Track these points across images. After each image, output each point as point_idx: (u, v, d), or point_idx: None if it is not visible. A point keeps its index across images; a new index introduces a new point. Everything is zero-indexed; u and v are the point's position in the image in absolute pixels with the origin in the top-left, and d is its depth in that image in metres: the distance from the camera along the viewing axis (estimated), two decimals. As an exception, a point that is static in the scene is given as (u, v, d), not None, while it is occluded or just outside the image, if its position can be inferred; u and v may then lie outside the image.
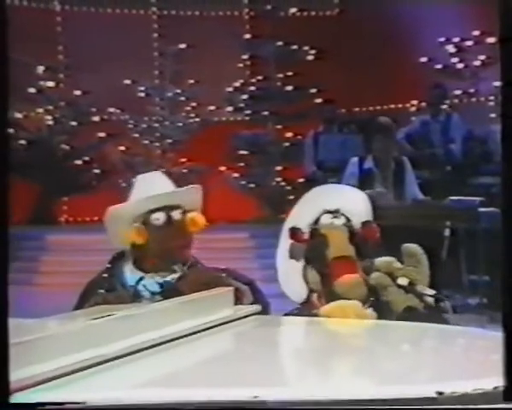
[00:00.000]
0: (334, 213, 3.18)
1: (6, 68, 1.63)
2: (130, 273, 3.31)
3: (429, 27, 12.04)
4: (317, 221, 3.18)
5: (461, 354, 2.37)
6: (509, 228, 1.55)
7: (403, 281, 2.96)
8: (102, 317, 2.40)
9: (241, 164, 13.00)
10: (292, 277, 3.22)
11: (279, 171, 12.93)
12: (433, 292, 2.99)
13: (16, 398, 1.80)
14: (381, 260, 3.06)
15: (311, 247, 3.16)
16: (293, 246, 3.18)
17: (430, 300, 2.98)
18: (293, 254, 3.18)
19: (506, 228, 1.57)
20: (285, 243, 3.23)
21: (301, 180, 12.05)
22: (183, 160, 12.58)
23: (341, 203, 3.22)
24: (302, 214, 3.25)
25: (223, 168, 12.79)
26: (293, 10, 13.26)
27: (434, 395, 1.74)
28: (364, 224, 3.17)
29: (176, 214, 3.34)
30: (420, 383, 1.85)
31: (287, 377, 2.09)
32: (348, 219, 3.17)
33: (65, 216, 13.32)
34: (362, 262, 3.14)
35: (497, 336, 2.57)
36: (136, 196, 3.45)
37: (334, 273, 3.06)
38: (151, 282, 3.24)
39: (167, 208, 3.34)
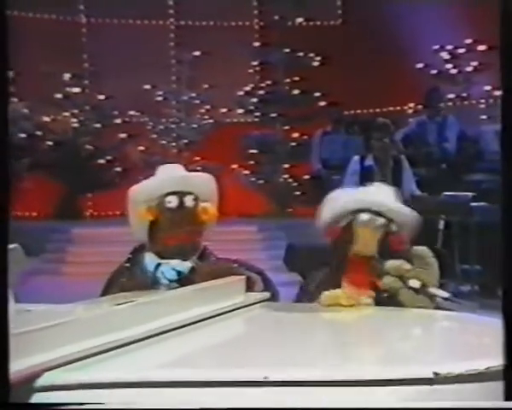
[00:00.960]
0: (376, 213, 3.08)
1: (6, 68, 1.58)
2: (149, 260, 3.28)
3: (425, 36, 12.01)
4: (355, 215, 3.08)
5: (456, 338, 2.36)
6: (508, 221, 1.54)
7: (414, 283, 2.89)
8: (125, 303, 2.41)
9: (251, 162, 12.99)
10: None
11: (286, 168, 12.91)
12: (446, 295, 2.91)
13: (47, 378, 1.81)
14: (391, 264, 2.98)
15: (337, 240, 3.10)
16: None
17: (440, 300, 2.90)
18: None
19: (505, 220, 1.56)
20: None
21: (307, 177, 12.05)
22: (198, 158, 12.55)
23: (385, 207, 3.12)
24: (341, 206, 3.15)
25: (234, 166, 12.78)
26: (299, 20, 13.23)
27: (432, 376, 1.74)
28: (395, 233, 3.08)
29: (188, 200, 3.28)
30: (418, 365, 1.83)
31: (294, 358, 2.08)
32: (389, 221, 3.10)
33: (90, 211, 13.32)
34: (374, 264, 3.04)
35: (488, 320, 2.57)
36: (153, 179, 3.41)
37: (349, 269, 3.01)
38: (168, 269, 3.20)
39: (180, 193, 3.29)
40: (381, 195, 3.22)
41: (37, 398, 1.79)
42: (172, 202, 3.28)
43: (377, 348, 2.31)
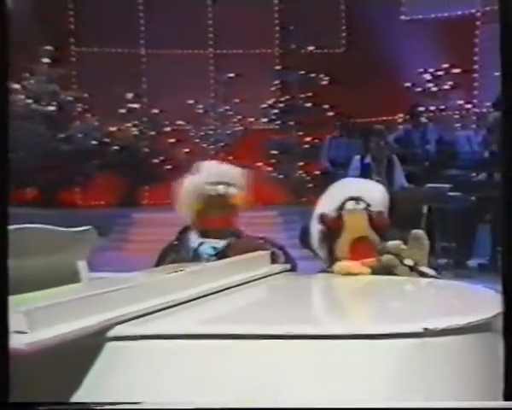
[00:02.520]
0: (357, 199, 2.95)
1: (6, 69, 1.52)
2: (193, 239, 3.27)
3: (411, 61, 11.99)
4: (342, 207, 2.94)
5: (442, 299, 2.34)
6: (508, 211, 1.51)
7: (408, 262, 2.81)
8: (174, 272, 2.41)
9: (273, 161, 12.98)
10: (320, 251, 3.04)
11: (301, 166, 12.88)
12: (433, 272, 2.84)
13: (116, 330, 1.81)
14: (391, 244, 2.87)
15: (334, 229, 2.95)
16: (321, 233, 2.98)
17: (429, 277, 2.82)
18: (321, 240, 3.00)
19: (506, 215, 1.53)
20: (315, 225, 3.03)
21: (317, 173, 12.01)
22: (230, 158, 12.57)
23: (363, 192, 2.99)
24: (329, 202, 3.02)
25: (259, 164, 12.78)
26: (311, 48, 13.18)
27: (422, 331, 1.72)
28: (378, 213, 2.94)
29: (224, 189, 3.27)
30: (410, 321, 1.80)
31: (312, 316, 2.07)
32: (368, 205, 2.94)
33: (146, 200, 13.38)
34: (379, 244, 2.91)
35: (465, 285, 2.55)
36: (199, 173, 3.40)
37: (353, 252, 2.87)
38: (208, 246, 3.20)
39: (218, 183, 3.27)
40: (356, 184, 3.17)
41: (108, 347, 1.79)
42: (212, 189, 3.26)
43: (376, 307, 2.29)
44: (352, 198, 2.95)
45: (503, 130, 1.59)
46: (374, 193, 3.04)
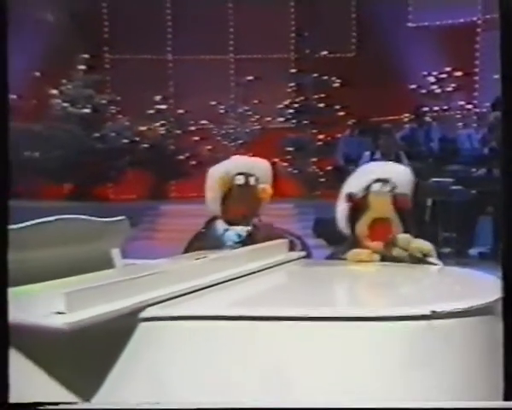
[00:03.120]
0: (383, 181, 2.83)
1: (6, 69, 1.47)
2: (219, 226, 3.24)
3: (417, 65, 11.93)
4: (368, 188, 2.82)
5: (447, 285, 2.32)
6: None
7: (418, 254, 2.71)
8: (201, 258, 2.40)
9: (289, 157, 12.94)
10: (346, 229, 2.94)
11: (314, 162, 12.83)
12: (440, 263, 2.75)
13: (148, 311, 1.81)
14: (400, 237, 2.78)
15: (358, 208, 2.84)
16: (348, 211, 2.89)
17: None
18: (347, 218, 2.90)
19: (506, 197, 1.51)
20: (342, 204, 2.91)
21: (329, 168, 11.99)
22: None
23: (390, 174, 2.87)
24: (357, 182, 2.90)
25: (276, 160, 12.77)
26: (324, 53, 13.12)
27: (429, 313, 1.71)
28: (402, 195, 2.83)
29: (252, 180, 3.22)
30: (418, 305, 1.79)
31: (327, 299, 2.06)
32: (394, 187, 2.82)
33: (173, 193, 13.39)
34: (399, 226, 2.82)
35: (468, 271, 2.53)
36: (226, 162, 3.36)
37: (371, 232, 2.80)
38: (233, 233, 3.18)
39: (246, 174, 3.23)
40: (386, 166, 3.08)
41: (140, 327, 1.79)
42: (240, 179, 3.23)
43: (387, 292, 2.27)
44: (378, 180, 2.84)
45: (503, 129, 1.57)
46: (400, 176, 2.93)
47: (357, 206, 2.83)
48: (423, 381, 1.72)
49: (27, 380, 1.75)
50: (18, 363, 1.68)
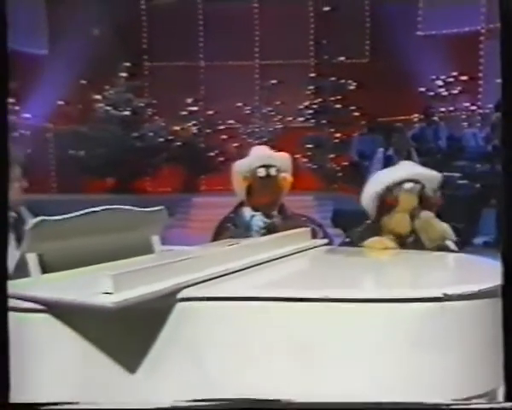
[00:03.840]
0: (414, 181, 2.77)
1: (6, 70, 1.39)
2: (246, 213, 3.18)
3: (425, 69, 11.83)
4: (400, 186, 2.77)
5: (457, 270, 2.29)
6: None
7: (436, 235, 2.74)
8: (231, 245, 2.40)
9: (308, 153, 12.86)
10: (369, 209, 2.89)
11: (331, 158, 12.76)
12: (455, 248, 2.76)
13: (184, 292, 1.81)
14: (423, 213, 2.76)
15: (387, 202, 2.79)
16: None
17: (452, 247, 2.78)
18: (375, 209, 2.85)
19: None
20: (371, 190, 2.86)
21: (345, 164, 11.92)
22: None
23: (420, 175, 2.83)
24: (389, 179, 2.84)
25: (297, 156, 12.73)
26: (340, 59, 13.03)
27: (442, 296, 1.69)
28: (428, 195, 2.81)
29: (272, 171, 3.17)
30: (432, 288, 1.77)
31: (347, 282, 2.04)
32: (423, 187, 2.79)
33: (203, 187, 13.40)
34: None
35: (477, 258, 2.49)
36: (249, 157, 3.35)
37: (397, 225, 2.76)
38: (258, 219, 3.15)
39: (267, 166, 3.17)
40: (414, 168, 2.98)
41: (178, 307, 1.79)
42: (261, 172, 3.20)
43: (402, 276, 2.25)
44: (409, 180, 2.80)
45: (503, 129, 1.56)
46: (430, 178, 2.88)
47: (387, 200, 2.80)
48: (435, 357, 1.71)
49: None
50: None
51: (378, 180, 2.89)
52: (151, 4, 13.47)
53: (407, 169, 2.92)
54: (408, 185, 2.79)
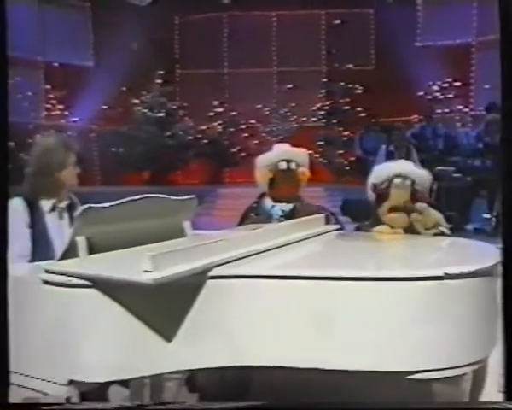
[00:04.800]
0: (404, 177, 2.72)
1: (6, 70, 1.29)
2: (267, 203, 3.15)
3: (424, 76, 11.69)
4: (390, 181, 2.73)
5: (456, 252, 2.25)
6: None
7: (430, 224, 2.66)
8: (255, 229, 2.37)
9: (320, 150, 12.71)
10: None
11: (340, 154, 12.60)
12: (448, 232, 2.70)
13: (215, 271, 1.80)
14: (418, 204, 2.70)
15: (381, 197, 2.76)
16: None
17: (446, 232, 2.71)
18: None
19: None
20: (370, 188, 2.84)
21: (353, 159, 11.80)
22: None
23: (410, 172, 2.78)
24: (382, 174, 2.81)
25: (310, 152, 12.59)
26: (349, 66, 12.86)
27: (443, 275, 1.66)
28: (418, 189, 2.74)
29: (292, 165, 3.11)
30: (434, 268, 1.73)
31: (359, 261, 2.01)
32: (413, 182, 2.73)
33: (227, 179, 13.34)
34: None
35: (472, 242, 2.44)
36: (271, 152, 3.31)
37: (388, 217, 2.71)
38: (278, 209, 3.11)
39: (288, 160, 3.12)
40: (406, 165, 2.92)
41: (208, 284, 1.77)
42: (283, 165, 3.15)
43: (407, 258, 2.22)
44: (399, 175, 2.76)
45: (502, 129, 1.51)
46: (419, 174, 2.83)
47: (380, 195, 2.77)
48: (437, 329, 1.67)
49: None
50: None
51: (374, 174, 2.86)
52: (183, 20, 13.45)
53: (400, 166, 2.87)
54: (397, 180, 2.74)
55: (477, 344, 1.77)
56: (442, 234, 2.68)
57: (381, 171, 2.85)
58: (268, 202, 3.16)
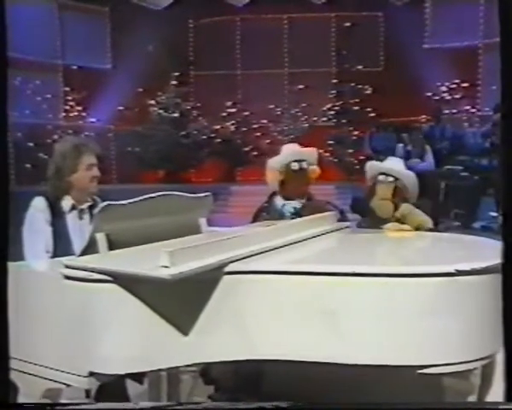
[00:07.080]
0: (386, 174, 2.87)
1: (6, 70, 1.25)
2: (278, 201, 3.16)
3: (432, 77, 11.63)
4: (376, 178, 2.91)
5: (466, 249, 2.22)
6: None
7: (414, 224, 2.77)
8: (268, 226, 2.36)
9: (330, 149, 12.69)
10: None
11: (350, 153, 12.56)
12: (432, 226, 2.82)
13: (230, 266, 1.78)
14: (403, 205, 2.86)
15: (370, 193, 2.94)
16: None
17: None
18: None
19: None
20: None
21: (362, 158, 11.74)
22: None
23: (393, 171, 2.90)
24: (369, 174, 3.00)
25: (321, 151, 12.54)
26: (358, 67, 12.81)
27: (454, 271, 1.64)
28: (401, 186, 2.87)
29: (304, 165, 3.13)
30: (445, 265, 1.71)
31: (370, 258, 1.99)
32: (396, 179, 2.87)
33: (240, 177, 13.35)
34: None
35: (478, 239, 2.42)
36: (282, 154, 3.30)
37: (376, 204, 2.88)
38: (289, 207, 3.11)
39: (299, 160, 3.14)
40: (391, 164, 3.00)
41: (224, 279, 1.77)
42: (295, 166, 3.16)
43: (419, 254, 2.20)
44: (383, 173, 2.89)
45: (502, 130, 1.49)
46: (403, 174, 2.93)
47: (369, 191, 2.94)
48: (447, 324, 1.66)
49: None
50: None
51: (367, 170, 3.02)
52: (197, 23, 13.45)
53: (386, 164, 2.98)
54: (381, 177, 2.89)
55: (486, 339, 1.75)
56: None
57: (369, 169, 2.99)
58: (279, 201, 3.15)
